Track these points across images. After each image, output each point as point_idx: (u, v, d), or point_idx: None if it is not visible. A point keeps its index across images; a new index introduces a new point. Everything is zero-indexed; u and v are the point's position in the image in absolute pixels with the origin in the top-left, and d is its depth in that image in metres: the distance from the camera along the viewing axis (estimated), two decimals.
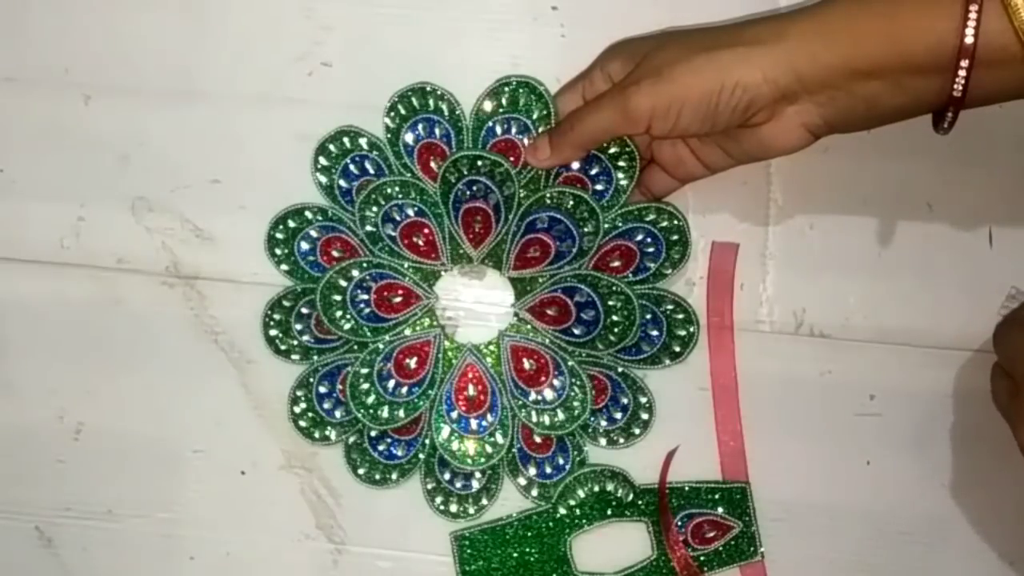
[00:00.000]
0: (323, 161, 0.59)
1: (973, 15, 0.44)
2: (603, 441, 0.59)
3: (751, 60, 0.48)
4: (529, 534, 0.59)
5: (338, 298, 0.58)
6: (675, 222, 0.58)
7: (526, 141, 0.58)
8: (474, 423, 0.58)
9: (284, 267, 0.59)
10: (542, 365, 0.58)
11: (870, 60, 0.47)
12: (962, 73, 0.45)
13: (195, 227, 0.61)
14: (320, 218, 0.59)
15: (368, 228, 0.58)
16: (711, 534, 0.59)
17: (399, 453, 0.59)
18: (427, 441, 0.59)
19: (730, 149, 0.53)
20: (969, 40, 0.44)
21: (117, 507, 0.61)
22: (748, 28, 0.50)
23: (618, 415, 0.59)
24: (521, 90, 0.58)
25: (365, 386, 0.58)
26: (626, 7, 0.56)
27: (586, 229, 0.57)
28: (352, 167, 0.59)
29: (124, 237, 0.60)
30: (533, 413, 0.58)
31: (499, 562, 0.59)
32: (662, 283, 0.59)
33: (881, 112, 0.49)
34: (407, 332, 0.59)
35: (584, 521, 0.59)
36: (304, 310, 0.59)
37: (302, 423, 0.59)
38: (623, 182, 0.57)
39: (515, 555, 0.59)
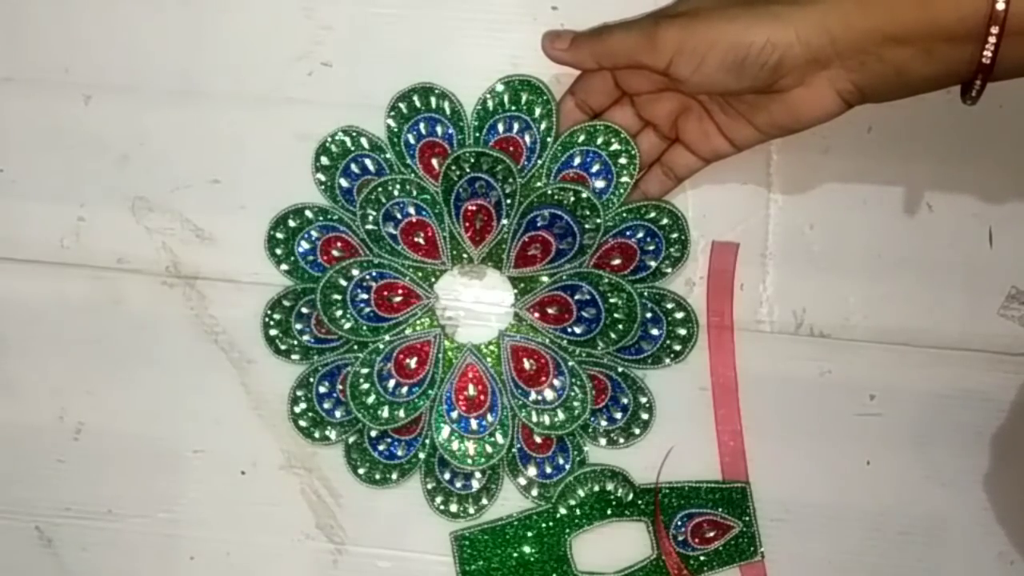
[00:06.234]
0: (324, 160, 0.59)
1: None
2: (603, 441, 0.59)
3: (785, 18, 0.48)
4: (529, 534, 0.59)
5: (338, 298, 0.58)
6: (675, 220, 0.58)
7: (527, 139, 0.58)
8: (474, 423, 0.58)
9: (284, 267, 0.59)
10: (542, 365, 0.58)
11: (903, 26, 0.47)
12: (992, 40, 0.45)
13: (195, 227, 0.61)
14: (320, 218, 0.59)
15: (369, 227, 0.58)
16: (711, 534, 0.59)
17: (399, 453, 0.59)
18: (427, 441, 0.59)
19: (758, 120, 0.52)
20: (1001, 6, 0.45)
21: (117, 507, 0.61)
22: None
23: (618, 415, 0.59)
24: (522, 88, 0.58)
25: (365, 386, 0.58)
26: (626, 7, 0.56)
27: (587, 226, 0.57)
28: (353, 166, 0.59)
29: (124, 237, 0.61)
30: (533, 413, 0.58)
31: (499, 562, 0.59)
32: (661, 282, 0.59)
33: (912, 80, 0.48)
34: (407, 332, 0.59)
35: (584, 521, 0.59)
36: (304, 310, 0.59)
37: (302, 423, 0.59)
38: (623, 180, 0.57)
39: (515, 555, 0.59)
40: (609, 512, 0.59)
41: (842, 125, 0.51)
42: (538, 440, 0.59)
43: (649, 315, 0.58)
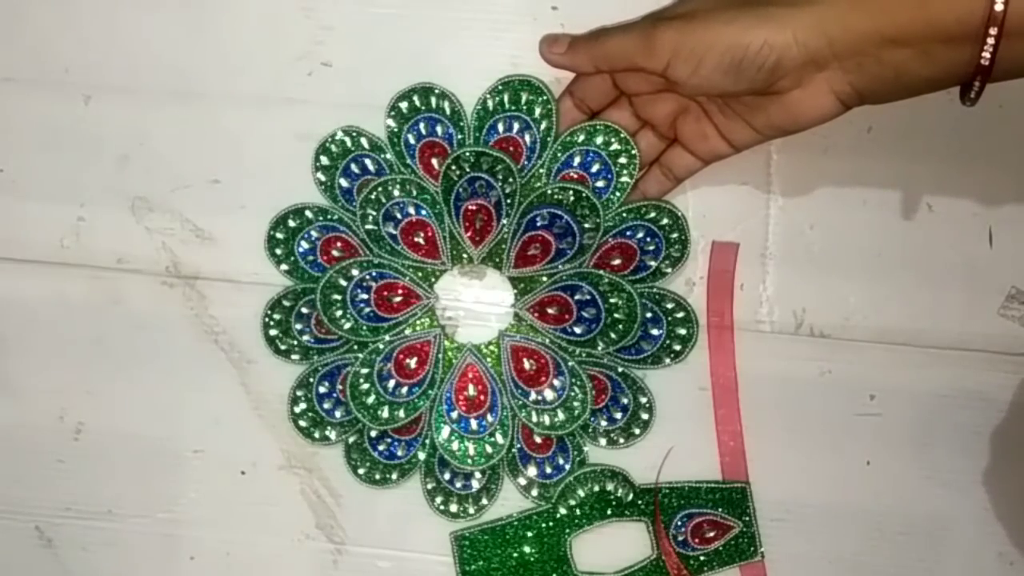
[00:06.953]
0: (324, 160, 0.59)
1: None
2: (603, 441, 0.59)
3: (782, 20, 0.48)
4: (529, 534, 0.59)
5: (338, 298, 0.58)
6: (675, 220, 0.58)
7: (527, 139, 0.58)
8: (474, 423, 0.58)
9: (284, 267, 0.59)
10: (542, 365, 0.58)
11: (900, 27, 0.47)
12: (990, 41, 0.45)
13: (195, 227, 0.61)
14: (320, 218, 0.59)
15: (369, 227, 0.58)
16: (711, 534, 0.59)
17: (399, 453, 0.59)
18: (427, 441, 0.59)
19: (756, 122, 0.52)
20: (999, 7, 0.45)
21: (117, 507, 0.61)
22: None
23: (618, 415, 0.59)
24: (522, 88, 0.58)
25: (365, 386, 0.58)
26: (625, 7, 0.56)
27: (587, 225, 0.57)
28: (353, 167, 0.59)
29: (124, 237, 0.61)
30: (533, 413, 0.58)
31: (499, 562, 0.59)
32: (662, 282, 0.59)
33: (909, 81, 0.48)
34: (407, 332, 0.59)
35: (584, 521, 0.59)
36: (304, 310, 0.59)
37: (302, 423, 0.59)
38: (623, 179, 0.57)
39: (515, 555, 0.59)
40: (609, 512, 0.59)
41: (842, 125, 0.51)
42: (538, 440, 0.59)
43: (649, 315, 0.58)
